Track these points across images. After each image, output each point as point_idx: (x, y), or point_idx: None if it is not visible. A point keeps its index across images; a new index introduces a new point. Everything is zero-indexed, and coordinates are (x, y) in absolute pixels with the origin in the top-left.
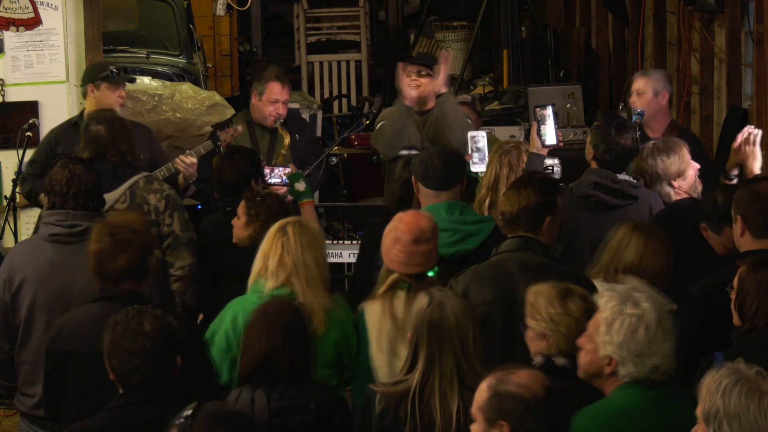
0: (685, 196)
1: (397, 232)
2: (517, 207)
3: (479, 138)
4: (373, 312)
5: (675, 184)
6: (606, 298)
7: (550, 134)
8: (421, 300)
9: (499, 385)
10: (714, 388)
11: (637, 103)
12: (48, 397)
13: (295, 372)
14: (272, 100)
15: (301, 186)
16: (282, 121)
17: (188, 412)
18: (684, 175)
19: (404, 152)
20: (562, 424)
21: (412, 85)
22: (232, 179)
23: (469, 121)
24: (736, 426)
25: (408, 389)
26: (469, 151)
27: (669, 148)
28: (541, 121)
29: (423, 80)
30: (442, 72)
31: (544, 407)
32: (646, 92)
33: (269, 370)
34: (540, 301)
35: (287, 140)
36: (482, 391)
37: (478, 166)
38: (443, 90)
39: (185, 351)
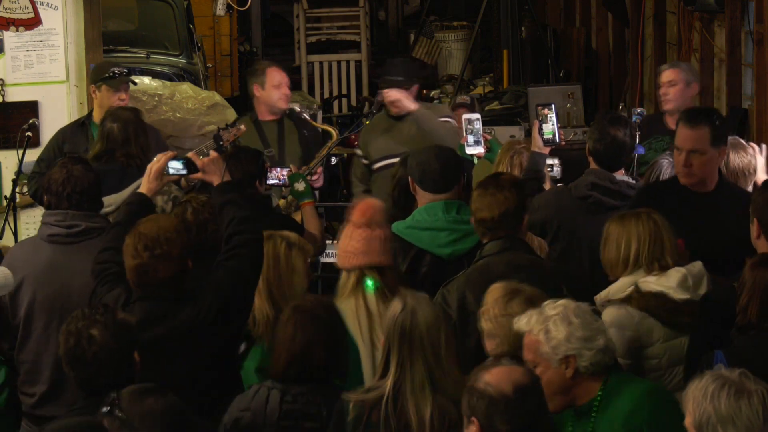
0: None
1: (351, 222)
2: (498, 212)
3: (474, 120)
4: (348, 308)
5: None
6: (525, 319)
7: (552, 132)
8: (395, 306)
9: (472, 381)
10: (701, 396)
11: (669, 93)
12: None
13: (328, 370)
14: (276, 83)
15: (300, 186)
16: (287, 112)
17: None
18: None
19: (385, 162)
20: (533, 423)
21: (388, 101)
22: (237, 179)
23: (450, 120)
24: (732, 429)
25: (381, 396)
26: (464, 134)
27: (743, 144)
28: (542, 120)
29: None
30: (406, 97)
31: (510, 405)
32: (678, 82)
33: (304, 366)
34: (488, 300)
35: (295, 130)
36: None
37: (472, 149)
38: (412, 107)
39: None
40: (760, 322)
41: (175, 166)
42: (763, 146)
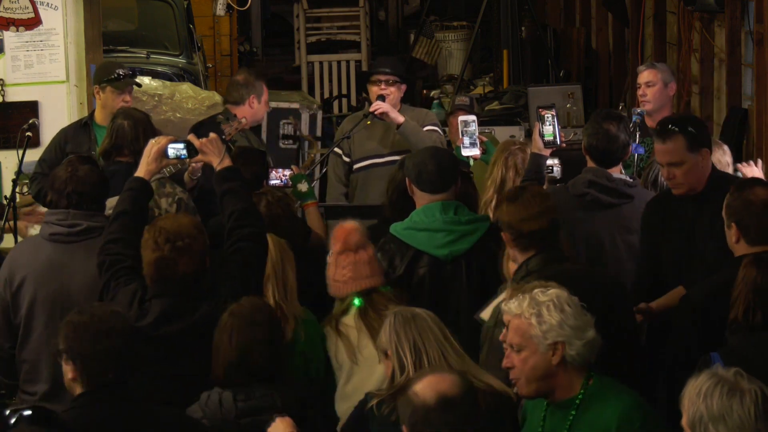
0: None
1: (331, 251)
2: (548, 222)
3: (470, 122)
4: (330, 333)
5: None
6: (516, 302)
7: (552, 134)
8: (388, 316)
9: (407, 386)
10: (695, 394)
11: (647, 94)
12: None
13: (269, 370)
14: (267, 99)
15: (303, 187)
16: None
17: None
18: None
19: (367, 162)
20: None
21: (378, 113)
22: (246, 179)
23: (435, 129)
24: (723, 427)
25: (406, 384)
26: (460, 135)
27: (718, 142)
28: (543, 122)
29: (392, 89)
30: (390, 109)
31: (430, 416)
32: (656, 83)
33: (244, 369)
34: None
35: (253, 137)
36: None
37: (468, 150)
38: (399, 120)
39: None
40: (746, 320)
41: (176, 147)
42: (759, 162)
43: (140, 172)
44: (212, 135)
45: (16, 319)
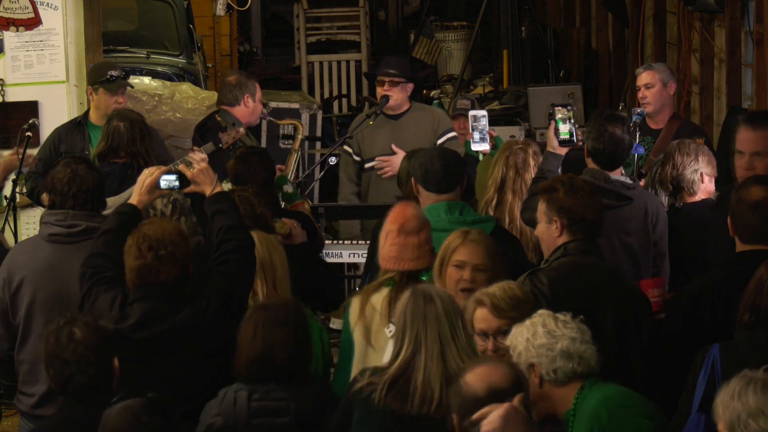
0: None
1: (386, 227)
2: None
3: (480, 117)
4: (354, 306)
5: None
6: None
7: (569, 132)
8: (405, 294)
9: (459, 374)
10: (728, 398)
11: (647, 96)
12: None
13: (292, 370)
14: (260, 98)
15: (289, 188)
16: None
17: None
18: None
19: (372, 163)
20: None
21: (384, 95)
22: (264, 177)
23: (451, 134)
24: (763, 421)
25: (392, 372)
26: (470, 130)
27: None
28: (559, 120)
29: (395, 89)
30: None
31: (479, 407)
32: (655, 84)
33: (265, 366)
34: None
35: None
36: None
37: (478, 145)
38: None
39: None
40: (749, 318)
41: (168, 179)
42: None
43: (133, 200)
44: (203, 165)
45: (15, 320)
